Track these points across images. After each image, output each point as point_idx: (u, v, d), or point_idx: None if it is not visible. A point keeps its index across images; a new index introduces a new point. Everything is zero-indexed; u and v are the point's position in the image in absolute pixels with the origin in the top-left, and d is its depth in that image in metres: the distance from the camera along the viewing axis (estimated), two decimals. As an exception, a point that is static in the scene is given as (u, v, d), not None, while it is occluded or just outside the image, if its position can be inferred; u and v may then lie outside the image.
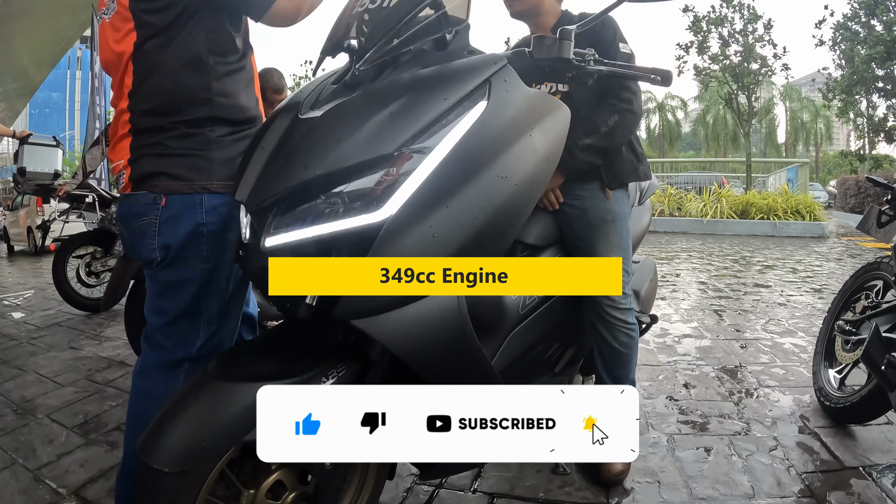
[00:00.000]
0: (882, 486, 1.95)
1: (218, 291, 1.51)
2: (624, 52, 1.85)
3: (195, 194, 1.43)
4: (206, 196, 1.44)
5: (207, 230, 1.45)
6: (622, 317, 1.98)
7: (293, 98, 1.33)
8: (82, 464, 2.16)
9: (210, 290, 1.50)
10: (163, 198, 1.42)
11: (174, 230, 1.43)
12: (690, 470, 2.07)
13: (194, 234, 1.44)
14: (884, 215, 2.57)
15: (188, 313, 1.50)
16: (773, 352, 3.52)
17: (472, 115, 1.18)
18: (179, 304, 1.49)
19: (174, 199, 1.42)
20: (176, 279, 1.48)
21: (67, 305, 4.90)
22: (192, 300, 1.49)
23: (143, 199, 1.44)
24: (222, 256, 1.49)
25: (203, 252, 1.46)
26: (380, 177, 1.10)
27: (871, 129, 22.16)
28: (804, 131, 42.74)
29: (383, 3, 1.28)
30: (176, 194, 1.42)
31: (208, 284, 1.49)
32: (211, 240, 1.46)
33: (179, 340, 1.51)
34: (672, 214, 13.08)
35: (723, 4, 18.31)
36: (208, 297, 1.50)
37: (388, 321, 1.10)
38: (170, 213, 1.43)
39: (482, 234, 1.16)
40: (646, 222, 2.62)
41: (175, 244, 1.44)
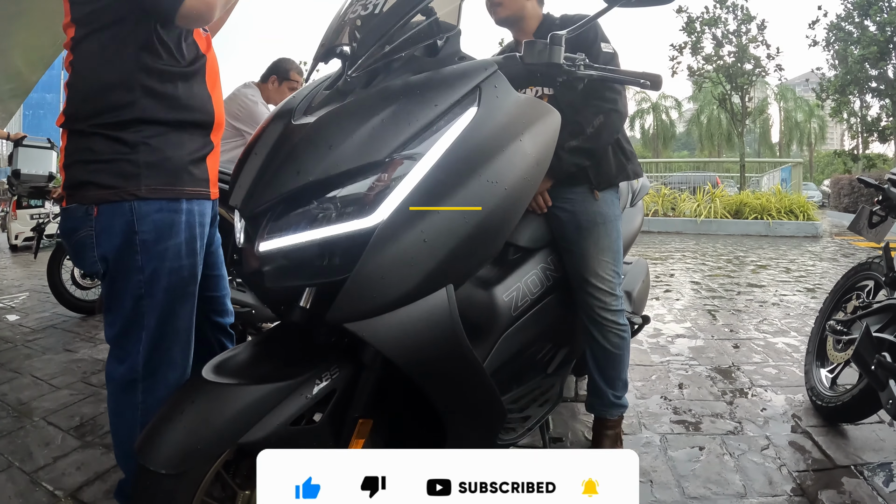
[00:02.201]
0: (873, 484, 1.98)
1: (157, 304, 1.45)
2: (606, 51, 1.87)
3: (123, 202, 1.37)
4: (135, 203, 1.38)
5: (140, 239, 1.39)
6: (613, 318, 1.99)
7: (286, 104, 1.34)
8: (79, 466, 2.17)
9: (151, 303, 1.44)
10: (94, 208, 1.38)
11: (109, 241, 1.39)
12: (683, 469, 2.09)
13: (127, 243, 1.39)
14: (875, 216, 2.59)
15: (131, 326, 1.45)
16: (766, 351, 3.54)
17: (462, 121, 1.20)
18: (121, 316, 1.45)
19: (104, 208, 1.37)
20: (116, 291, 1.44)
21: (62, 307, 4.89)
22: (131, 313, 1.44)
23: (76, 211, 1.40)
24: (159, 266, 1.43)
25: (137, 262, 1.41)
26: (372, 182, 1.11)
27: (864, 128, 22.28)
28: (798, 131, 42.91)
29: (375, 9, 1.29)
30: (105, 203, 1.37)
31: (148, 296, 1.43)
32: (144, 249, 1.40)
33: (126, 355, 1.46)
34: (666, 214, 13.10)
35: (716, 5, 18.41)
36: (150, 311, 1.45)
37: (380, 324, 1.11)
38: (102, 224, 1.38)
39: (472, 238, 1.18)
40: (637, 223, 2.64)
41: (111, 255, 1.40)
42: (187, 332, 1.54)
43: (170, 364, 1.50)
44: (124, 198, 1.37)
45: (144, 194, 1.38)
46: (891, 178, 2.50)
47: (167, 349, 1.49)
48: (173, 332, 1.49)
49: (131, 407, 1.47)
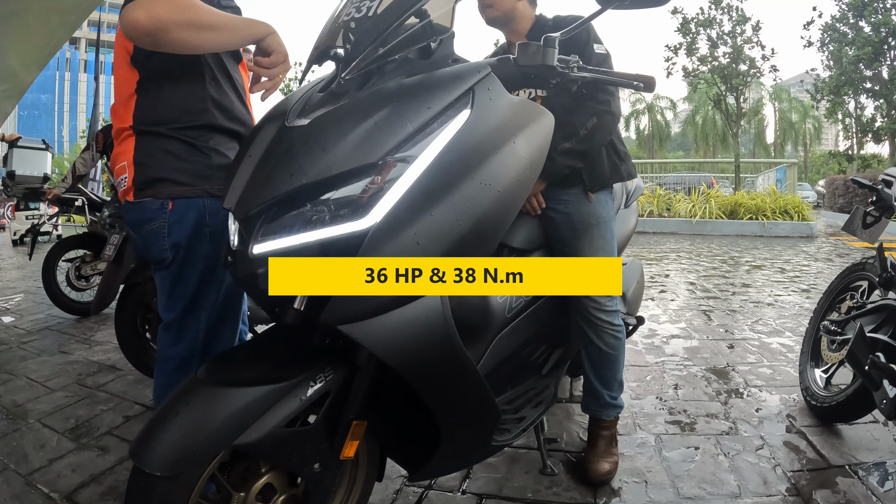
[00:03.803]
0: (868, 484, 1.98)
1: (217, 287, 1.60)
2: (599, 52, 1.87)
3: (198, 198, 1.53)
4: (207, 200, 1.53)
5: (210, 230, 1.55)
6: (608, 319, 2.00)
7: (280, 106, 1.34)
8: (74, 468, 2.16)
9: (210, 287, 1.59)
10: (169, 202, 1.51)
11: (182, 231, 1.52)
12: (677, 469, 2.10)
13: (199, 234, 1.54)
14: (869, 216, 2.60)
15: (192, 307, 1.59)
16: (761, 352, 3.56)
17: (455, 123, 1.20)
18: (185, 299, 1.58)
19: (180, 203, 1.51)
20: (183, 276, 1.57)
21: (57, 309, 4.88)
22: (194, 295, 1.58)
23: (150, 205, 1.52)
24: (222, 254, 1.55)
25: (206, 250, 1.56)
26: (365, 185, 1.11)
27: (859, 129, 22.34)
28: (793, 132, 43.05)
29: (369, 12, 1.29)
30: (181, 198, 1.51)
31: (209, 280, 1.58)
32: (213, 239, 1.55)
33: (185, 335, 1.60)
34: (661, 215, 13.13)
35: (711, 6, 18.44)
36: (209, 293, 1.60)
37: (374, 326, 1.11)
38: (177, 216, 1.52)
39: (466, 240, 1.18)
40: (632, 225, 2.64)
41: (184, 243, 1.53)
42: (237, 313, 1.71)
43: (222, 341, 1.66)
44: (199, 194, 1.53)
45: (215, 192, 1.53)
46: (885, 178, 2.51)
47: (222, 328, 1.65)
48: (227, 313, 1.66)
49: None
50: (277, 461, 1.24)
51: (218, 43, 1.40)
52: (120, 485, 2.03)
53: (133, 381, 3.15)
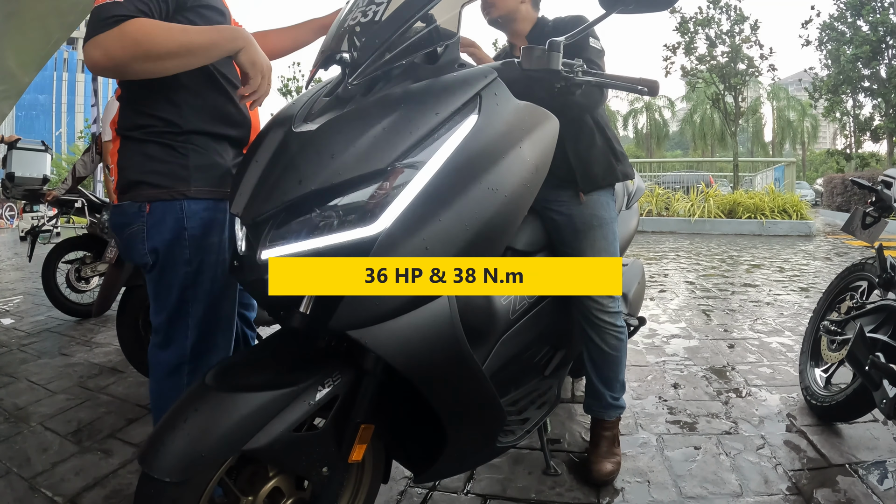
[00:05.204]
0: (868, 482, 1.99)
1: (203, 294, 1.57)
2: (595, 47, 1.85)
3: (175, 201, 1.51)
4: (185, 202, 1.51)
5: (189, 234, 1.53)
6: (611, 320, 2.01)
7: (286, 110, 1.34)
8: (77, 472, 2.16)
9: (195, 293, 1.56)
10: (146, 205, 1.50)
11: (160, 234, 1.51)
12: (679, 469, 2.11)
13: (177, 238, 1.52)
14: (868, 217, 2.61)
15: (178, 314, 1.57)
16: (761, 351, 3.56)
17: (463, 128, 1.21)
18: (169, 305, 1.56)
19: (157, 205, 1.50)
20: (165, 281, 1.55)
21: (57, 311, 4.87)
22: (178, 301, 1.56)
23: (129, 208, 1.52)
24: (205, 259, 1.56)
25: (186, 255, 1.53)
26: (373, 191, 1.12)
27: (857, 128, 22.40)
28: (791, 130, 43.10)
29: (375, 16, 1.29)
30: (158, 201, 1.50)
31: (193, 286, 1.56)
32: (193, 243, 1.53)
33: (173, 341, 1.58)
34: (660, 214, 13.15)
35: (710, 6, 18.44)
36: (194, 300, 1.57)
37: (382, 331, 1.12)
38: (154, 220, 1.50)
39: (473, 245, 1.18)
40: (633, 226, 2.65)
41: (162, 247, 1.52)
42: (229, 319, 1.67)
43: (214, 348, 1.62)
44: (176, 196, 1.50)
45: (193, 194, 1.52)
46: (884, 179, 2.52)
47: (212, 335, 1.62)
48: (217, 319, 1.62)
49: (176, 389, 1.56)
50: (286, 465, 1.25)
51: (184, 66, 1.37)
52: (123, 488, 2.04)
53: (135, 384, 3.14)
